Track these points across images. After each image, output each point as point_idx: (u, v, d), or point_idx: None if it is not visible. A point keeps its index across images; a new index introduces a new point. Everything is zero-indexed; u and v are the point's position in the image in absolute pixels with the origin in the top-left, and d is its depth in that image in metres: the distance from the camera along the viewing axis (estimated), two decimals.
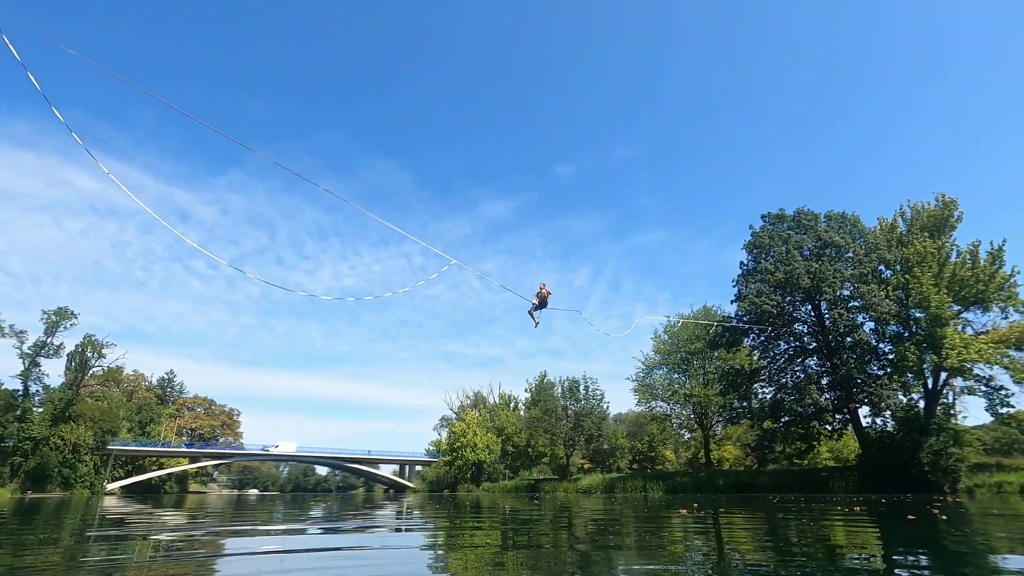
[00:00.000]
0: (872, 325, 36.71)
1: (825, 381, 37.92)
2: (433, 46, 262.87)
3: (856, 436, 37.68)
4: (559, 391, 67.95)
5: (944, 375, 33.71)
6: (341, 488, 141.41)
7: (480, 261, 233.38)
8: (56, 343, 69.76)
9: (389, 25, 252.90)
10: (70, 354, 73.32)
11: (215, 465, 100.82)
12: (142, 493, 70.50)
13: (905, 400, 35.49)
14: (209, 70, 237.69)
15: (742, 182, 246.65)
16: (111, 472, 74.77)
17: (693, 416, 55.72)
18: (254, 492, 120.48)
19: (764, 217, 42.12)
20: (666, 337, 56.20)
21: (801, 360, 39.87)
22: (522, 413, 74.41)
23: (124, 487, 74.37)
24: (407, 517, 14.15)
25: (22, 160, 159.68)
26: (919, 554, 6.12)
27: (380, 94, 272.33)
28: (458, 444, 67.34)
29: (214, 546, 7.42)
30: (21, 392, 67.62)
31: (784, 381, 39.80)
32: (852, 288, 36.79)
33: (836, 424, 38.41)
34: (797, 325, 39.91)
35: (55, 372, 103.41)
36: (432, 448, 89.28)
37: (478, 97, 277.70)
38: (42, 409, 68.97)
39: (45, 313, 69.12)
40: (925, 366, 33.58)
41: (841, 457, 51.62)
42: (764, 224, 41.78)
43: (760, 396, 42.61)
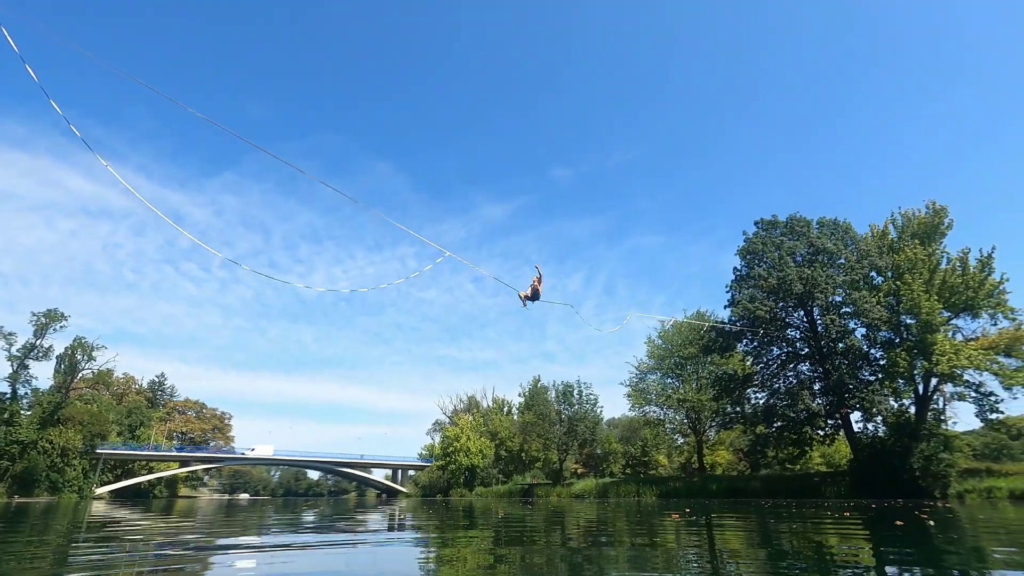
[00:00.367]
0: (864, 331, 36.92)
1: (817, 386, 38.07)
2: (432, 48, 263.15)
3: (848, 441, 37.84)
4: (553, 396, 67.73)
5: (935, 381, 33.94)
6: (333, 492, 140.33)
7: (475, 264, 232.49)
8: (45, 345, 69.15)
9: (388, 27, 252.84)
10: (59, 356, 72.57)
11: (205, 469, 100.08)
12: (131, 497, 69.78)
13: (896, 406, 35.66)
14: (208, 71, 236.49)
15: (741, 183, 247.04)
16: (100, 476, 73.97)
17: (686, 421, 55.75)
18: (245, 496, 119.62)
19: (757, 223, 42.43)
20: (660, 342, 56.32)
21: (794, 365, 40.05)
22: (515, 417, 74.12)
23: (113, 491, 73.58)
24: (398, 527, 14.06)
25: (16, 161, 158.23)
26: (907, 560, 6.14)
27: (379, 96, 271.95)
28: (451, 448, 67.03)
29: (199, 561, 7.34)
30: (9, 395, 66.79)
31: (777, 386, 39.97)
32: (844, 294, 37.04)
33: (828, 429, 38.53)
34: (790, 331, 40.13)
35: (44, 375, 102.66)
36: (425, 452, 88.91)
37: (477, 99, 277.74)
38: (30, 412, 68.15)
39: (35, 315, 68.58)
40: (916, 372, 33.84)
41: (833, 462, 51.73)
42: (757, 230, 42.08)
43: (753, 401, 42.72)
